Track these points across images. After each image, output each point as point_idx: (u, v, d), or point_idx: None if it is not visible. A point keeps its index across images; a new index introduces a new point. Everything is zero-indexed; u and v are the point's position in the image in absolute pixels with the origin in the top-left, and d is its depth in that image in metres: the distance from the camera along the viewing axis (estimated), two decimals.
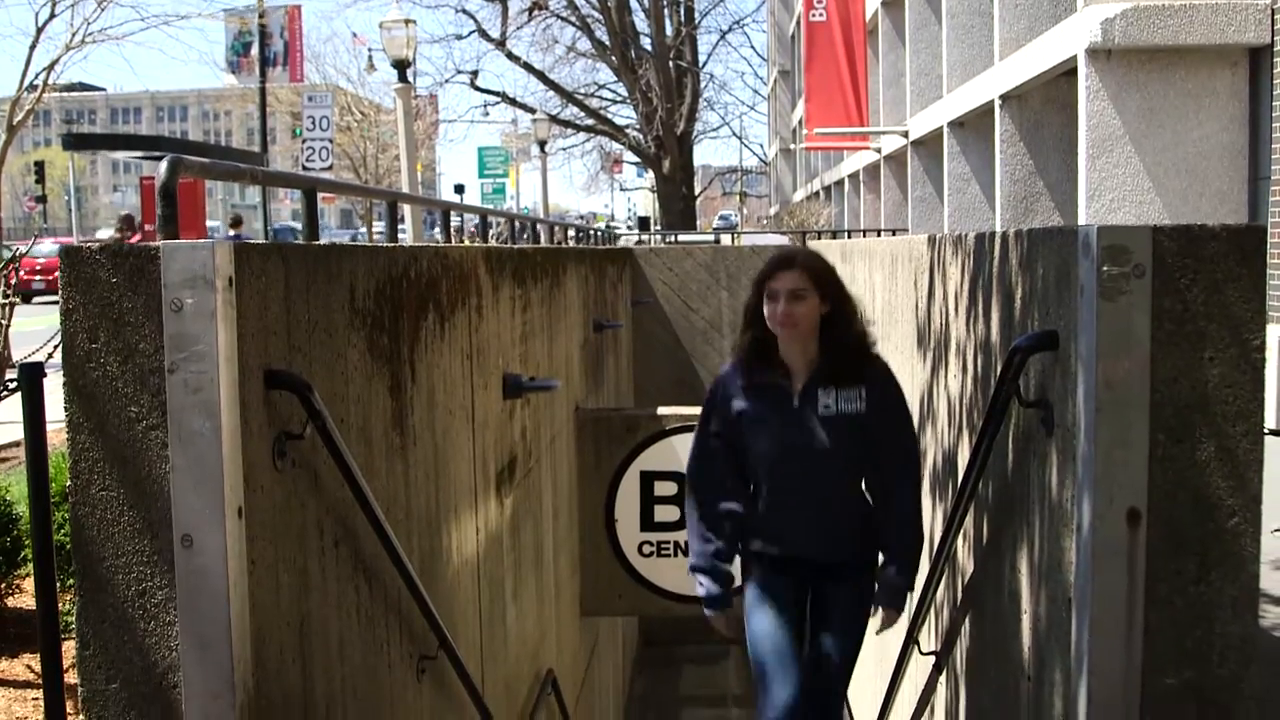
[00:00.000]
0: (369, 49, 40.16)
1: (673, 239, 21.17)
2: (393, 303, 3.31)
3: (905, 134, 19.78)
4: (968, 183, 16.23)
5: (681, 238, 21.59)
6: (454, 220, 9.86)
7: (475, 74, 31.52)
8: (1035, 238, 2.70)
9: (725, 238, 22.11)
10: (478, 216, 9.96)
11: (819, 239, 17.19)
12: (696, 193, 35.20)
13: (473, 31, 29.66)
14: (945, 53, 16.77)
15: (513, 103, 32.89)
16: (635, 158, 34.89)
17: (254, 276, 2.25)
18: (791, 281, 3.41)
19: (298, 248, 2.55)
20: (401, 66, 14.61)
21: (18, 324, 7.82)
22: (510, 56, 30.15)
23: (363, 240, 27.05)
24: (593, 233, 18.65)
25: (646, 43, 29.55)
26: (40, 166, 47.56)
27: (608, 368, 10.83)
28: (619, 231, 29.98)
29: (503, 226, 15.82)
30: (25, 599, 5.02)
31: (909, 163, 19.66)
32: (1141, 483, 2.25)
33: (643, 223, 42.81)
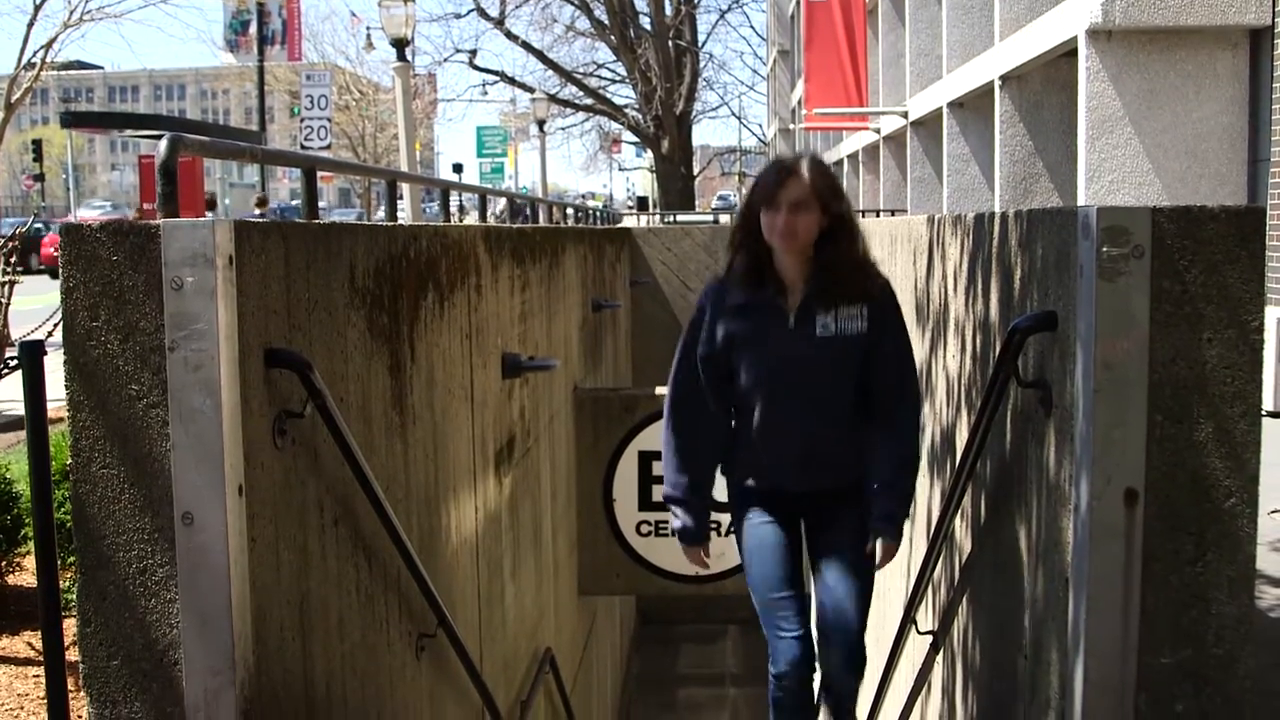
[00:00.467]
0: (367, 27, 40.14)
1: (671, 219, 21.13)
2: (392, 282, 3.31)
3: (905, 114, 19.69)
4: (967, 163, 16.17)
5: (680, 218, 21.57)
6: (453, 200, 9.84)
7: (474, 53, 31.46)
8: (1035, 218, 2.70)
9: (724, 218, 22.07)
10: (476, 196, 9.95)
11: None
12: (695, 173, 35.12)
13: (471, 10, 29.51)
14: (945, 33, 16.69)
15: (511, 82, 32.80)
16: (634, 137, 34.76)
17: (254, 255, 2.25)
18: (797, 192, 3.11)
19: (298, 226, 2.56)
20: (400, 45, 14.55)
21: (18, 302, 7.82)
22: (509, 35, 30.05)
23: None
24: (593, 213, 18.59)
25: (645, 22, 29.42)
26: (38, 145, 47.57)
27: (606, 347, 10.84)
28: (622, 213, 29.92)
29: (503, 209, 15.78)
30: (26, 576, 5.03)
31: (908, 143, 19.58)
32: (1139, 463, 2.25)
33: (641, 202, 42.76)
